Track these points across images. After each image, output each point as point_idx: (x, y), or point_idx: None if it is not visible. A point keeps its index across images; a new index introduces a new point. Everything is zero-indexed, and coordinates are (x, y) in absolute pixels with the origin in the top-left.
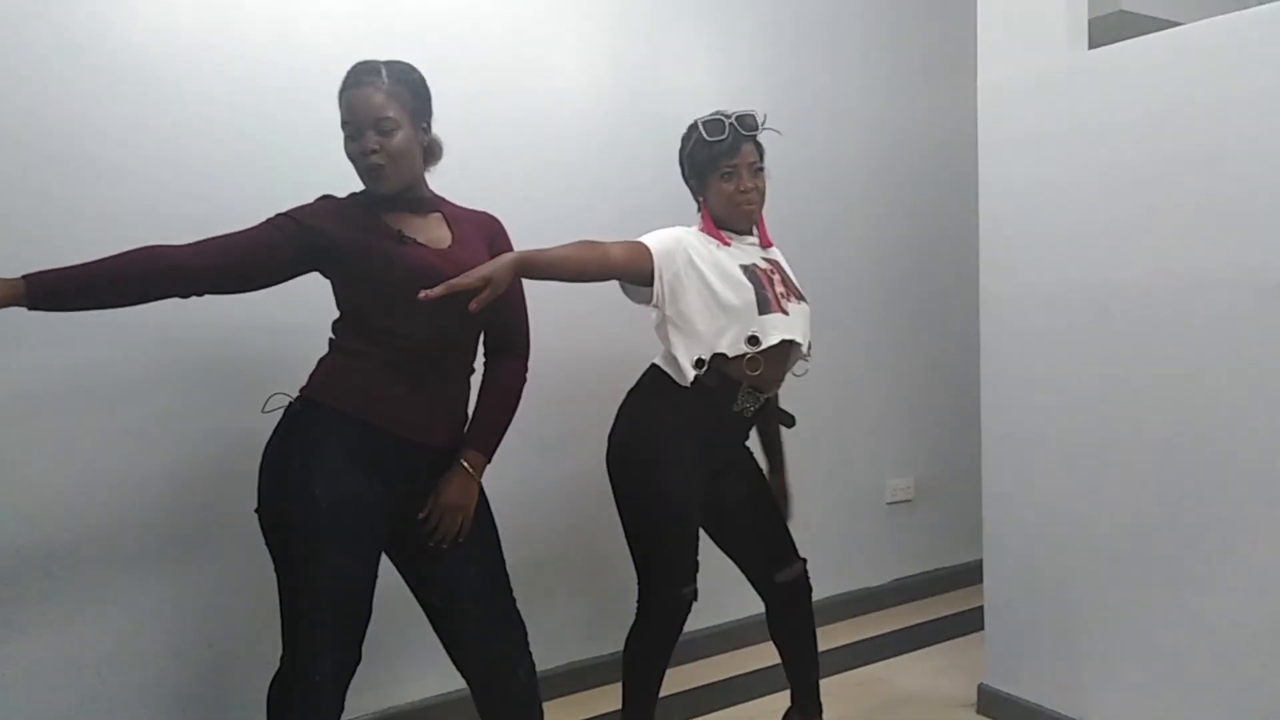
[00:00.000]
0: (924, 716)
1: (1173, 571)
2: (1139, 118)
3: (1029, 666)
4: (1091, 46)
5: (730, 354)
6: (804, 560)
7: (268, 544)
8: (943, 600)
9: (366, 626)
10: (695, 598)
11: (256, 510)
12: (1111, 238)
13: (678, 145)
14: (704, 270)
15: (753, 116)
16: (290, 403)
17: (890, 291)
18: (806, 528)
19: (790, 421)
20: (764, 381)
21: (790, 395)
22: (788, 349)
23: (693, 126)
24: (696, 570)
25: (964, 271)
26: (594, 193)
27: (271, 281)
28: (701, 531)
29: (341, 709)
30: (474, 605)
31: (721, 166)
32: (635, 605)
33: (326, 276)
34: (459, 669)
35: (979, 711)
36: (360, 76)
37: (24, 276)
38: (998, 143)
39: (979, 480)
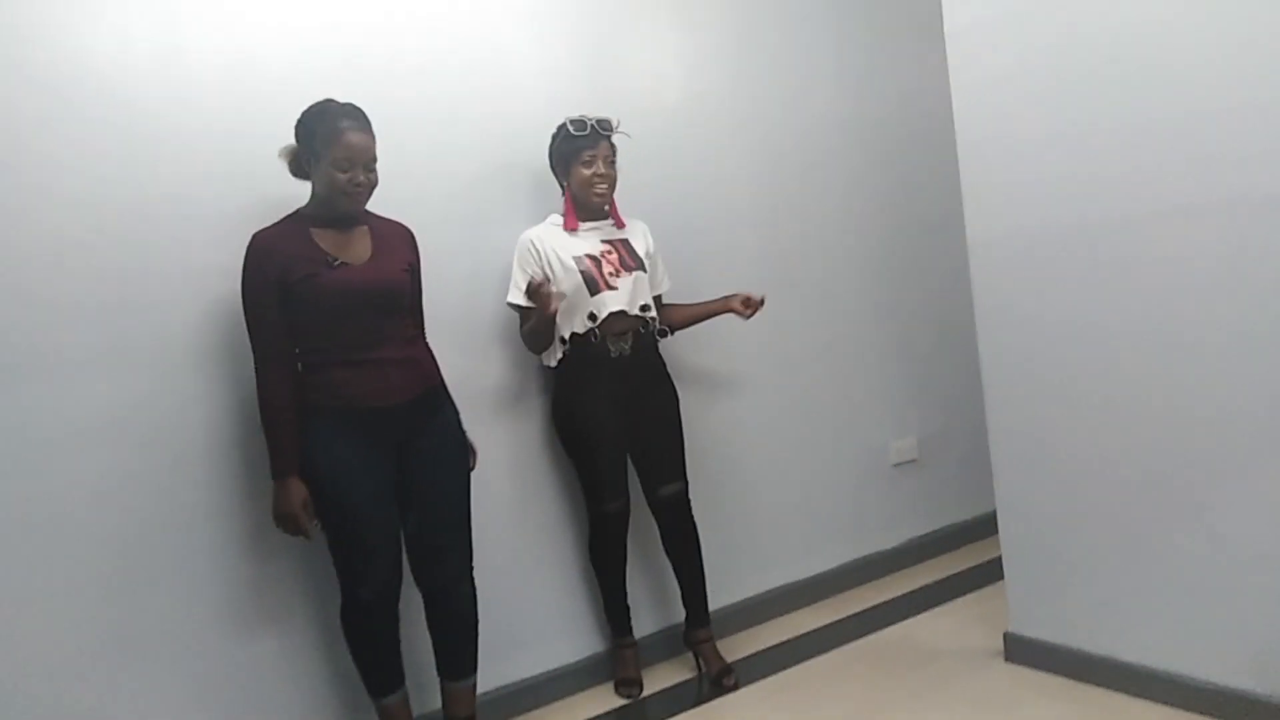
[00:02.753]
0: (955, 669)
1: (1187, 499)
2: (1108, 44)
3: (1053, 609)
4: None
5: (581, 331)
6: (684, 482)
7: None
8: (958, 556)
9: (393, 556)
10: (623, 510)
11: None
12: (1093, 169)
13: (639, 131)
14: (553, 266)
15: (610, 120)
16: None
17: (876, 252)
18: (814, 497)
19: (665, 333)
20: (618, 332)
21: (786, 369)
22: (622, 315)
23: (561, 126)
24: (621, 491)
25: (950, 223)
26: (549, 195)
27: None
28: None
29: (394, 622)
30: (436, 536)
31: (583, 155)
32: None
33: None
34: (417, 584)
35: (1008, 659)
36: (357, 121)
37: (282, 477)
38: (970, 86)
39: (982, 433)
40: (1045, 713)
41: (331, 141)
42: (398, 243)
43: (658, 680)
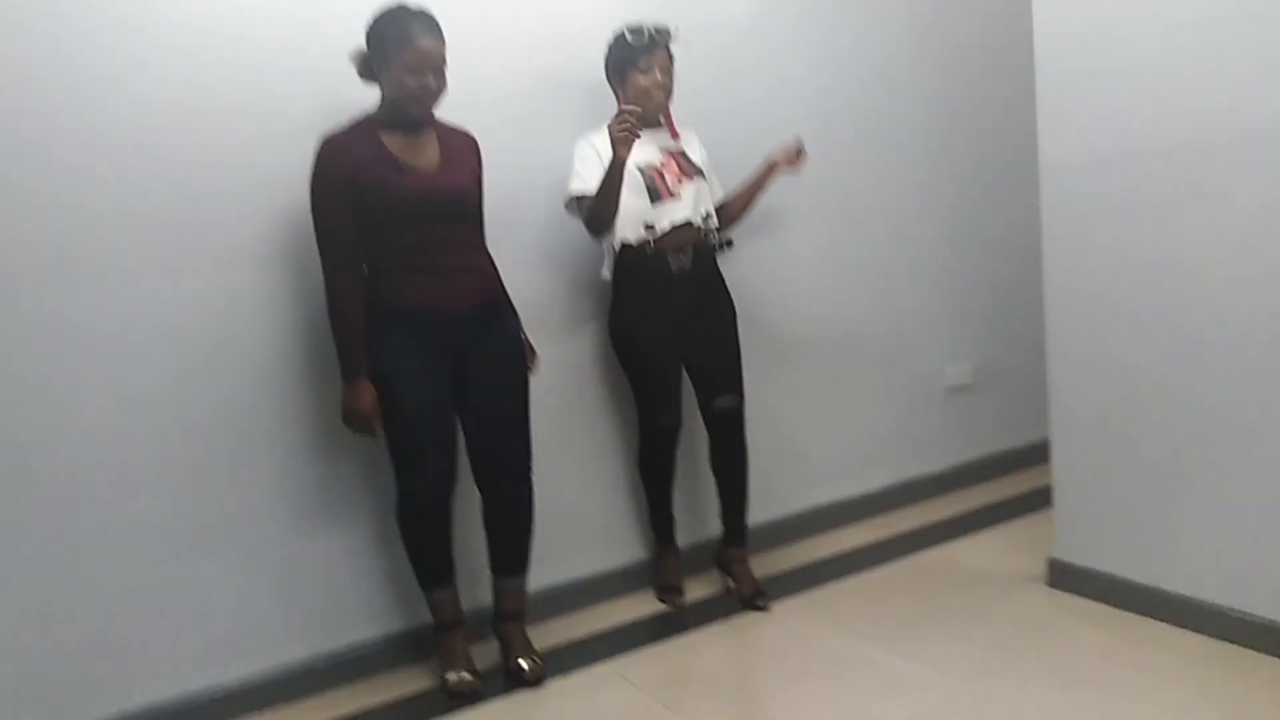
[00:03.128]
0: (996, 592)
1: (1242, 433)
2: None
3: (1099, 537)
4: None
5: (634, 241)
6: (740, 397)
7: None
8: (1005, 482)
9: (448, 456)
10: (676, 425)
11: None
12: (1176, 91)
13: (701, 43)
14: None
15: (668, 29)
16: None
17: (938, 174)
18: (866, 417)
19: (728, 244)
20: (679, 245)
21: (844, 289)
22: (685, 225)
23: (618, 33)
24: (674, 407)
25: (1018, 144)
26: (603, 108)
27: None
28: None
29: (447, 519)
30: (496, 439)
31: (640, 63)
32: None
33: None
34: (477, 484)
35: (1050, 584)
36: (428, 25)
37: (352, 378)
38: (1052, 4)
39: (1038, 362)
40: (1085, 637)
41: (402, 45)
42: (465, 151)
43: (691, 591)
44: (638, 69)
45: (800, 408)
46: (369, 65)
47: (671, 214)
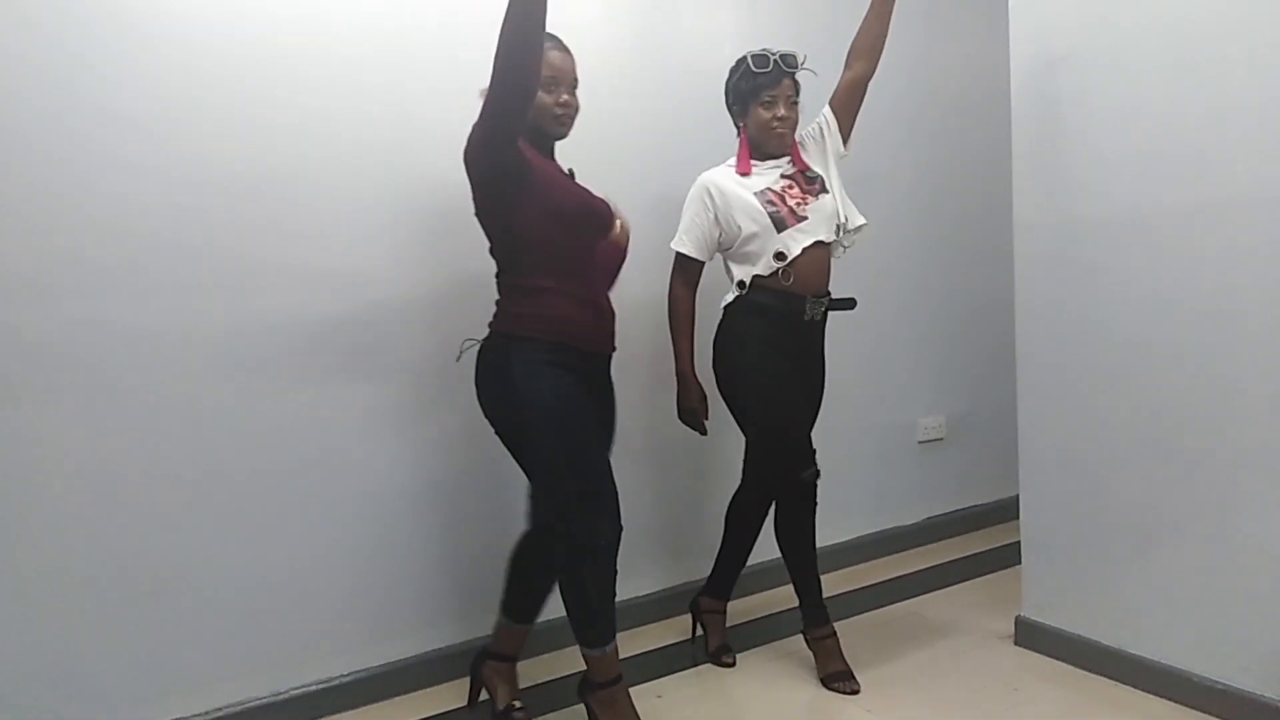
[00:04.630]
0: (963, 648)
1: (1210, 499)
2: (1179, 28)
3: (1067, 597)
4: None
5: (765, 274)
6: (817, 469)
7: (508, 444)
8: (976, 537)
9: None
10: (816, 477)
11: (494, 427)
12: (1150, 159)
13: (697, 94)
14: (732, 211)
15: (794, 55)
16: (484, 341)
17: (920, 227)
18: (838, 467)
19: (851, 304)
20: (815, 283)
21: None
22: (819, 247)
23: (741, 60)
24: (811, 453)
25: (996, 203)
26: (613, 142)
27: (516, 136)
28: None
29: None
30: None
31: (763, 95)
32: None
33: (509, 205)
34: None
35: (1017, 643)
36: (557, 42)
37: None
38: (1031, 65)
39: (1011, 418)
40: (1048, 697)
41: None
42: None
43: (656, 638)
44: (761, 102)
45: None
46: None
47: (801, 239)
